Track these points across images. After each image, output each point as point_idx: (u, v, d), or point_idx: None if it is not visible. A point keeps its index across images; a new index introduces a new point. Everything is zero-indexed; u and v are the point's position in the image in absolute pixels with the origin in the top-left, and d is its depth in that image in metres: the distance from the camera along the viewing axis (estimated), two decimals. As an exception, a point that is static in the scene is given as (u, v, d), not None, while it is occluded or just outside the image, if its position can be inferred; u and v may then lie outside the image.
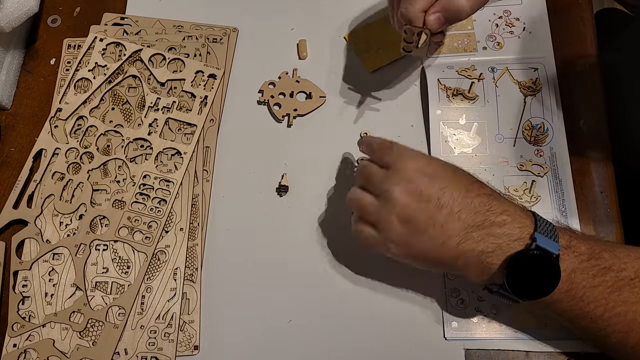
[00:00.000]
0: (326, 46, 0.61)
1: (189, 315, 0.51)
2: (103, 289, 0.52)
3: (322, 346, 0.50)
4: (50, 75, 0.61)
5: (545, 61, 0.58)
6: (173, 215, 0.54)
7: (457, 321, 0.50)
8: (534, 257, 0.41)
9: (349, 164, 0.56)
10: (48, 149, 0.57)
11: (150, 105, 0.58)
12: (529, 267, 0.41)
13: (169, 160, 0.56)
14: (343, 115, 0.58)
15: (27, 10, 0.57)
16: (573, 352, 0.48)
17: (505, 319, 0.50)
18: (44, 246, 0.53)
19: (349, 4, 0.62)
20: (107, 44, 0.60)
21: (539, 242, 0.41)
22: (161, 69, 0.60)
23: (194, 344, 0.51)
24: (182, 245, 0.53)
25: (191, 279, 0.52)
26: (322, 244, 0.54)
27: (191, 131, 0.57)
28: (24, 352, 0.50)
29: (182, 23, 0.62)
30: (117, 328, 0.50)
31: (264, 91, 0.59)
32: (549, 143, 0.55)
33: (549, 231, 0.42)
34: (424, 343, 0.50)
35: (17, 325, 0.51)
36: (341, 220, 0.54)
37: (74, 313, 0.51)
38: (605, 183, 0.54)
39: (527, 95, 0.57)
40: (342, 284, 0.52)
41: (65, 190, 0.55)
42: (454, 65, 0.58)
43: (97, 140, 0.57)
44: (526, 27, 0.60)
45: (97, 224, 0.54)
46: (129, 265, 0.53)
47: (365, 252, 0.48)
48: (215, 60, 0.60)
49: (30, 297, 0.52)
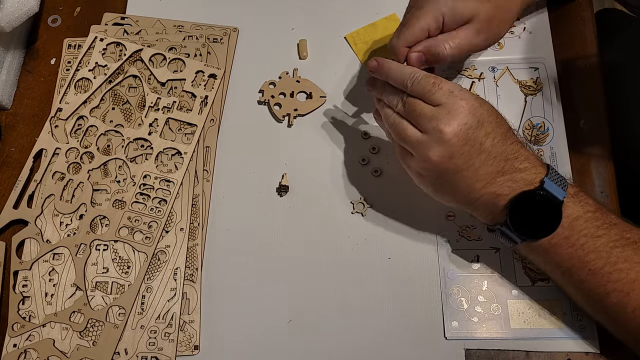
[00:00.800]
0: (326, 46, 0.61)
1: (189, 315, 0.51)
2: (103, 289, 0.52)
3: (322, 346, 0.50)
4: (50, 75, 0.61)
5: (546, 61, 0.58)
6: (173, 215, 0.54)
7: (457, 321, 0.50)
8: (539, 197, 0.42)
9: (350, 163, 0.56)
10: (48, 148, 0.57)
11: (151, 105, 0.58)
12: (532, 208, 0.43)
13: (169, 160, 0.56)
14: (343, 115, 0.58)
15: (28, 10, 0.57)
16: (573, 352, 0.48)
17: (505, 319, 0.50)
18: (44, 246, 0.53)
19: (349, 4, 0.62)
20: (107, 43, 0.60)
21: (547, 185, 0.42)
22: (161, 68, 0.60)
23: (194, 344, 0.51)
24: (183, 245, 0.53)
25: (191, 279, 0.52)
26: (322, 244, 0.54)
27: (191, 131, 0.57)
28: (24, 352, 0.50)
29: (182, 23, 0.62)
30: (117, 328, 0.50)
31: (264, 91, 0.59)
32: (549, 142, 0.55)
33: (559, 180, 0.43)
34: (424, 343, 0.50)
35: (17, 325, 0.51)
36: (341, 220, 0.54)
37: (74, 313, 0.51)
38: (606, 183, 0.54)
39: (527, 95, 0.57)
40: (342, 284, 0.52)
41: (65, 190, 0.55)
42: (455, 65, 0.58)
43: (98, 140, 0.57)
44: (526, 27, 0.60)
45: (98, 224, 0.54)
46: (129, 265, 0.53)
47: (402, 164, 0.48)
48: (216, 60, 0.60)
49: (31, 297, 0.52)
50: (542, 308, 0.50)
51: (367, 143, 0.57)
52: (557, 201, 0.43)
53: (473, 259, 0.52)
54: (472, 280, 0.51)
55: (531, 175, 0.43)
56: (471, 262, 0.52)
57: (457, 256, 0.52)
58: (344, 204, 0.55)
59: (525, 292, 0.50)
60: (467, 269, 0.52)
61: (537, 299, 0.50)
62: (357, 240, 0.53)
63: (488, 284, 0.51)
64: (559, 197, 0.43)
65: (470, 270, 0.52)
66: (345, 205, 0.55)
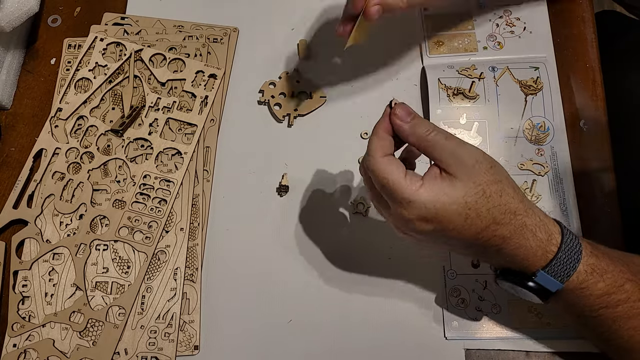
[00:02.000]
0: (326, 46, 0.61)
1: (189, 315, 0.51)
2: (103, 288, 0.52)
3: (322, 346, 0.50)
4: (50, 75, 0.61)
5: (546, 60, 0.58)
6: (173, 215, 0.54)
7: (457, 321, 0.50)
8: (530, 287, 0.41)
9: (350, 163, 0.56)
10: (48, 148, 0.57)
11: (151, 105, 0.58)
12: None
13: (169, 160, 0.56)
14: (343, 115, 0.58)
15: (28, 10, 0.57)
16: (573, 352, 0.48)
17: (506, 319, 0.50)
18: (44, 246, 0.53)
19: (349, 3, 0.62)
20: (107, 43, 0.60)
21: (539, 278, 0.40)
22: (161, 68, 0.60)
23: (194, 344, 0.50)
24: (183, 245, 0.53)
25: (191, 279, 0.52)
26: (323, 244, 0.53)
27: (191, 131, 0.57)
28: (24, 352, 0.50)
29: (182, 23, 0.62)
30: (117, 328, 0.50)
31: (264, 91, 0.59)
32: (549, 142, 0.55)
33: (562, 267, 0.40)
34: (424, 343, 0.50)
35: (17, 325, 0.51)
36: (341, 220, 0.54)
37: (74, 313, 0.51)
38: (606, 182, 0.54)
39: (527, 95, 0.57)
40: (342, 284, 0.52)
41: (65, 190, 0.55)
42: (455, 65, 0.58)
43: (98, 140, 0.57)
44: (527, 27, 0.60)
45: (98, 224, 0.54)
46: (129, 265, 0.52)
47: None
48: (216, 60, 0.60)
49: (30, 297, 0.52)
50: (542, 308, 0.50)
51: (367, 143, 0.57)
52: (549, 292, 0.41)
53: (473, 258, 0.52)
54: (472, 280, 0.51)
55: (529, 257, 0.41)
56: (471, 262, 0.52)
57: (457, 256, 0.52)
58: (344, 204, 0.55)
59: (525, 292, 0.50)
60: (467, 269, 0.52)
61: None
62: (357, 240, 0.53)
63: (488, 284, 0.51)
64: (551, 289, 0.41)
65: (470, 270, 0.52)
66: (345, 205, 0.55)
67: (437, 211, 0.38)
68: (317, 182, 0.56)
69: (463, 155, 0.39)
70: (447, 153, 0.39)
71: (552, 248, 0.40)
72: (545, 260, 0.40)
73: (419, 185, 0.39)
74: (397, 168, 0.40)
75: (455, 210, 0.38)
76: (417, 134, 0.40)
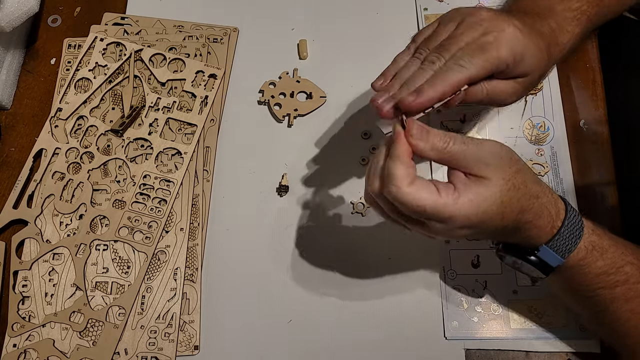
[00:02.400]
0: (326, 46, 0.61)
1: (189, 315, 0.51)
2: (103, 289, 0.52)
3: (322, 346, 0.50)
4: (50, 75, 0.61)
5: (546, 61, 0.58)
6: (173, 215, 0.54)
7: (457, 321, 0.50)
8: (531, 261, 0.41)
9: (350, 163, 0.56)
10: (48, 148, 0.57)
11: (151, 105, 0.58)
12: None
13: (169, 160, 0.56)
14: (343, 115, 0.58)
15: (28, 10, 0.57)
16: (573, 352, 0.48)
17: (505, 319, 0.50)
18: (44, 246, 0.53)
19: (349, 3, 0.62)
20: (107, 43, 0.60)
21: (541, 253, 0.41)
22: (161, 68, 0.60)
23: (194, 344, 0.51)
24: (183, 245, 0.53)
25: (191, 279, 0.52)
26: (322, 244, 0.53)
27: (191, 131, 0.57)
28: (24, 352, 0.50)
29: (182, 23, 0.62)
30: (117, 328, 0.50)
31: (264, 91, 0.59)
32: (549, 142, 0.55)
33: (564, 242, 0.41)
34: (424, 343, 0.50)
35: (17, 325, 0.51)
36: (341, 220, 0.54)
37: (74, 313, 0.51)
38: (606, 182, 0.54)
39: (528, 95, 0.57)
40: (342, 284, 0.52)
41: (65, 190, 0.55)
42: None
43: (98, 140, 0.57)
44: (526, 27, 0.59)
45: (97, 224, 0.54)
46: (129, 265, 0.52)
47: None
48: (216, 60, 0.60)
49: (30, 297, 0.52)
50: (542, 308, 0.50)
51: (367, 143, 0.57)
52: (549, 266, 0.42)
53: (473, 258, 0.52)
54: (472, 280, 0.51)
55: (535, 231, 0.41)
56: (471, 262, 0.52)
57: (457, 256, 0.52)
58: (344, 204, 0.55)
59: (525, 292, 0.50)
60: (467, 269, 0.52)
61: (537, 299, 0.50)
62: (357, 240, 0.53)
63: (488, 284, 0.51)
64: (552, 264, 0.41)
65: (470, 270, 0.52)
66: (345, 205, 0.55)
67: (480, 218, 0.38)
68: (317, 182, 0.56)
69: (486, 157, 0.38)
70: (471, 161, 0.38)
71: (557, 223, 0.41)
72: (550, 235, 0.40)
73: (455, 197, 0.37)
74: (429, 192, 0.37)
75: (494, 211, 0.38)
76: (437, 149, 0.39)
